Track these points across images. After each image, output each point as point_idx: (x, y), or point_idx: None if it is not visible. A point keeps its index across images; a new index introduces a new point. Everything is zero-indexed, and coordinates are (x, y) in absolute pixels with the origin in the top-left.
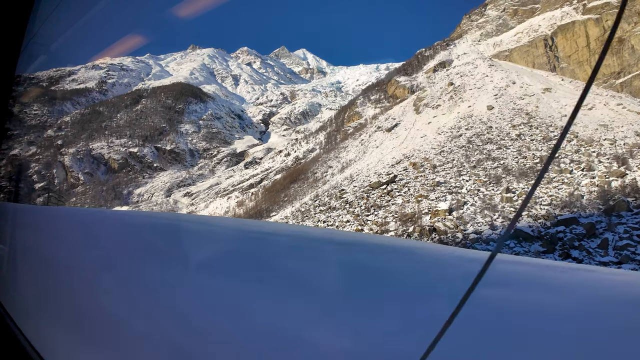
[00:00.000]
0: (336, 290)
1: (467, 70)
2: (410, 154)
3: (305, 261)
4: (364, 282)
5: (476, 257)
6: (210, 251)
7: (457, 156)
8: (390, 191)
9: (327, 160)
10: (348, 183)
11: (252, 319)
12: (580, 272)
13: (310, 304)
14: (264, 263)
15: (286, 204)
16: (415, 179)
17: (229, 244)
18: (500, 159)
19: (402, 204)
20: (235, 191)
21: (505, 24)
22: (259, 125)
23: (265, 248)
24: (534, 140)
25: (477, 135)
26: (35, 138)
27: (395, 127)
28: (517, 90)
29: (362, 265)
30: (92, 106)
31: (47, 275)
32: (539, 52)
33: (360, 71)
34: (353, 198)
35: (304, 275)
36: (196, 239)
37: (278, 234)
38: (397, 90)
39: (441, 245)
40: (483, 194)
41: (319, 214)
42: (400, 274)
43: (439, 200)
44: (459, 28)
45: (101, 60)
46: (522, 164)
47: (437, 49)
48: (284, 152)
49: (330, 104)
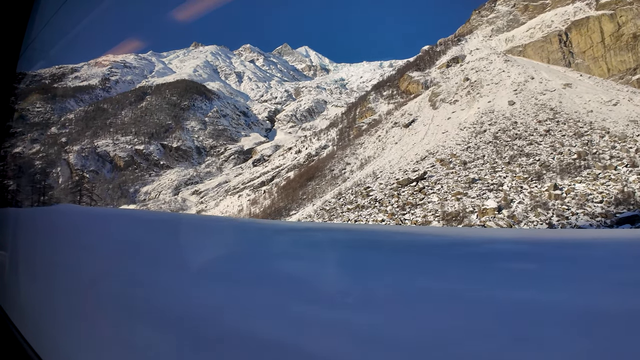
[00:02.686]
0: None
1: (482, 65)
2: (434, 150)
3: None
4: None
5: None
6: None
7: (487, 152)
8: (422, 188)
9: (344, 157)
10: (372, 180)
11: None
12: None
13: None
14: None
15: (306, 202)
16: (446, 176)
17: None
18: (534, 154)
19: (439, 202)
20: (245, 189)
21: (516, 19)
22: (265, 122)
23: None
24: (565, 136)
25: (502, 131)
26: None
27: (412, 123)
28: (537, 85)
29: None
30: (95, 103)
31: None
32: (553, 48)
33: (364, 68)
34: (382, 196)
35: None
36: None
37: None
38: (410, 86)
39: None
40: (527, 190)
41: (347, 212)
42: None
43: (480, 197)
44: (468, 24)
45: (104, 58)
46: (560, 160)
47: (448, 45)
48: (294, 149)
49: (335, 100)
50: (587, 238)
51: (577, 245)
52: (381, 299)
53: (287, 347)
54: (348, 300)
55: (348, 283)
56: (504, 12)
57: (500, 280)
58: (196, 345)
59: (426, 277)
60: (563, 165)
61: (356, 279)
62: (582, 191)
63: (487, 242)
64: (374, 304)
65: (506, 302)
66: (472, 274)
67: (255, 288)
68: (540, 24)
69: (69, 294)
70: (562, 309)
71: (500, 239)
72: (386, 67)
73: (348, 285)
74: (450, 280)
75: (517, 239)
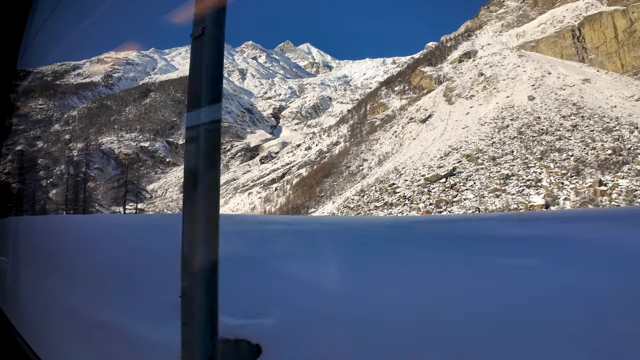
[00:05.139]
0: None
1: (495, 60)
2: (457, 145)
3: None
4: None
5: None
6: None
7: (515, 147)
8: (454, 185)
9: (360, 153)
10: (396, 177)
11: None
12: None
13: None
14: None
15: (324, 199)
16: (476, 172)
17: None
18: (566, 150)
19: (476, 198)
20: (255, 186)
21: (526, 14)
22: (270, 119)
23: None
24: (593, 131)
25: (526, 126)
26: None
27: (429, 118)
28: (555, 80)
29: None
30: (99, 100)
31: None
32: (566, 43)
33: (367, 65)
34: (410, 193)
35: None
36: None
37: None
38: (423, 81)
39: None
40: (569, 187)
41: (375, 210)
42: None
43: (520, 194)
44: (477, 19)
45: (105, 55)
46: (595, 155)
47: (458, 40)
48: (303, 145)
49: (340, 97)
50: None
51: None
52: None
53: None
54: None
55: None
56: (513, 7)
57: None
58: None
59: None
60: (600, 160)
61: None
62: (627, 187)
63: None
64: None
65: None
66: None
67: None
68: (551, 19)
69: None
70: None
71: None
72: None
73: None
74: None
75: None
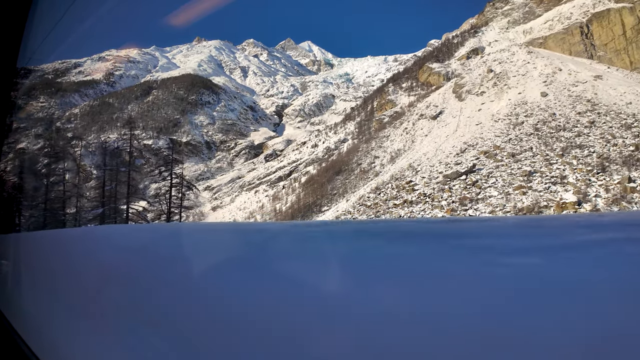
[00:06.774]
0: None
1: (504, 57)
2: (472, 142)
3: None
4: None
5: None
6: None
7: (533, 144)
8: (476, 182)
9: (370, 150)
10: (412, 174)
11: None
12: None
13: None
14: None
15: (337, 197)
16: (496, 169)
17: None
18: (587, 146)
19: (502, 195)
20: (262, 185)
21: (532, 11)
22: (273, 117)
23: None
24: (612, 127)
25: (542, 122)
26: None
27: (440, 115)
28: (566, 77)
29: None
30: (101, 98)
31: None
32: (575, 40)
33: (369, 63)
34: (430, 190)
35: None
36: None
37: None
38: (431, 77)
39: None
40: (597, 183)
41: (394, 208)
42: None
43: (547, 191)
44: (482, 16)
45: (107, 53)
46: (617, 152)
47: (465, 36)
48: (309, 143)
49: (343, 95)
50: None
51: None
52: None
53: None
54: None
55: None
56: (519, 4)
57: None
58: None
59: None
60: (624, 157)
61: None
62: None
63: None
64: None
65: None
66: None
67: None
68: (558, 16)
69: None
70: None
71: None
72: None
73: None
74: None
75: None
